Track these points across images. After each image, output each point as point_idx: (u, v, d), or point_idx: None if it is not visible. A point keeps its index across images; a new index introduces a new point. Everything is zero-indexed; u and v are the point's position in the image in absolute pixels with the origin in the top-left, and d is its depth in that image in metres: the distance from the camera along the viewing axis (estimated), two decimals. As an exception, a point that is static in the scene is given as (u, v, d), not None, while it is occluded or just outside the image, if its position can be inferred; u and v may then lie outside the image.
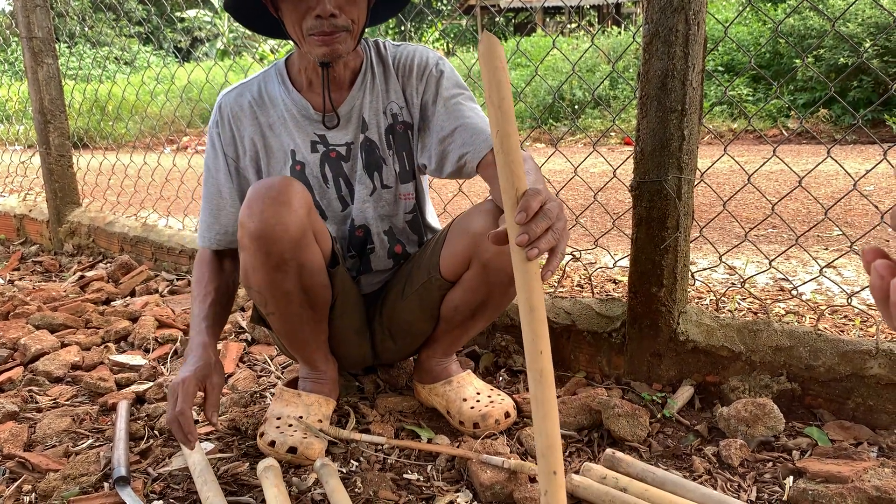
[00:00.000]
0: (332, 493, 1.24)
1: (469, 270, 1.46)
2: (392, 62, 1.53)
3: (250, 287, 1.41)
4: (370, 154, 1.54)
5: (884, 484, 1.15)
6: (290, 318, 1.46)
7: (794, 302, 2.12)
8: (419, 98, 1.52)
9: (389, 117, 1.53)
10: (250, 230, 1.30)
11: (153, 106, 5.73)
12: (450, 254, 1.47)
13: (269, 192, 1.30)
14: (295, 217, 1.31)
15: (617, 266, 2.40)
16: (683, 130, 1.54)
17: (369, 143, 1.53)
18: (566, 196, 4.61)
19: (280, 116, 1.53)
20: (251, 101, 1.54)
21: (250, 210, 1.30)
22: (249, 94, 1.55)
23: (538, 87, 9.42)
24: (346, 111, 1.52)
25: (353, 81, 1.52)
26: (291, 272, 1.37)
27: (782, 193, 4.15)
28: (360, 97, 1.52)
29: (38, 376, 1.88)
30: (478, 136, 1.42)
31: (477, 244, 1.40)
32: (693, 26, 1.48)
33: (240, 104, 1.54)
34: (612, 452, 1.35)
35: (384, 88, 1.53)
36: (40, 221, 3.68)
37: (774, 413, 1.44)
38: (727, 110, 8.13)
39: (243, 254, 1.36)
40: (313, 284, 1.42)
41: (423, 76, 1.51)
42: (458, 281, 1.49)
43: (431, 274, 1.51)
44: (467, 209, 1.48)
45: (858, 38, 7.16)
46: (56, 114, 3.34)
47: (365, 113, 1.53)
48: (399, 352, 1.69)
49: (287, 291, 1.40)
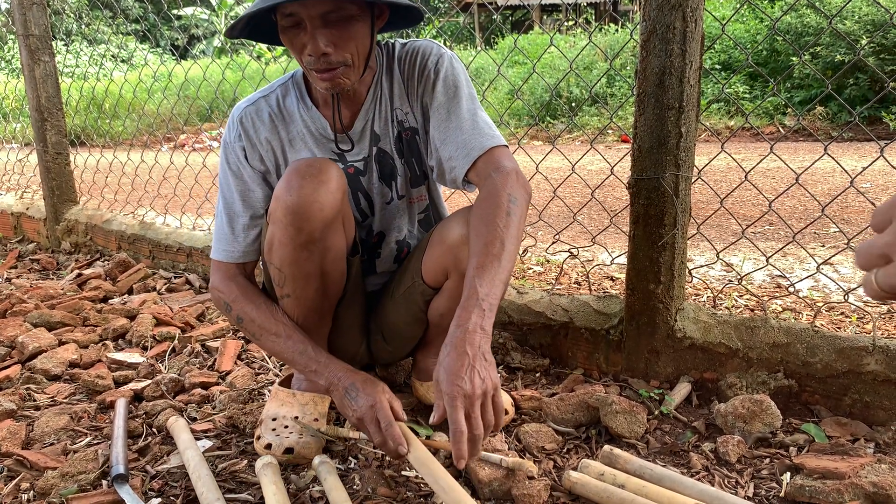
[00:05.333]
0: (331, 490, 1.24)
1: (448, 280, 1.45)
2: (397, 65, 1.49)
3: (271, 262, 1.40)
4: (384, 164, 1.52)
5: (880, 480, 1.16)
6: (304, 303, 1.45)
7: (791, 299, 2.13)
8: (419, 101, 1.48)
9: (397, 125, 1.50)
10: (287, 203, 1.29)
11: (150, 104, 5.72)
12: (430, 261, 1.46)
13: (309, 170, 1.30)
14: (332, 197, 1.31)
15: (614, 263, 2.40)
16: (681, 128, 1.54)
17: (382, 153, 1.52)
18: (564, 193, 4.61)
19: (300, 132, 1.49)
20: (271, 115, 1.49)
21: (289, 184, 1.29)
22: (268, 108, 1.49)
23: (535, 85, 9.43)
24: (359, 128, 1.49)
25: (366, 96, 1.48)
26: (316, 253, 1.36)
27: (779, 191, 4.15)
28: (371, 111, 1.49)
29: (35, 374, 1.88)
30: (461, 149, 1.36)
31: (454, 255, 1.39)
32: (690, 23, 1.48)
33: (261, 118, 1.49)
34: (610, 449, 1.35)
35: (390, 95, 1.49)
36: (37, 219, 3.67)
37: (771, 409, 1.44)
38: (724, 108, 8.15)
39: (273, 227, 1.35)
40: (333, 270, 1.43)
41: (422, 78, 1.46)
42: (441, 289, 1.49)
43: (415, 279, 1.50)
44: (449, 214, 1.47)
45: (855, 35, 7.17)
46: (53, 111, 3.33)
47: (376, 126, 1.50)
48: (393, 354, 1.69)
49: (308, 273, 1.39)
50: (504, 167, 1.31)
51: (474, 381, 1.09)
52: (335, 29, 1.27)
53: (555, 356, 1.86)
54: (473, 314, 1.14)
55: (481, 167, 1.33)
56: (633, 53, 8.72)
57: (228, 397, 1.71)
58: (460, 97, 1.43)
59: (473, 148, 1.35)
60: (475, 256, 1.20)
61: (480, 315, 1.14)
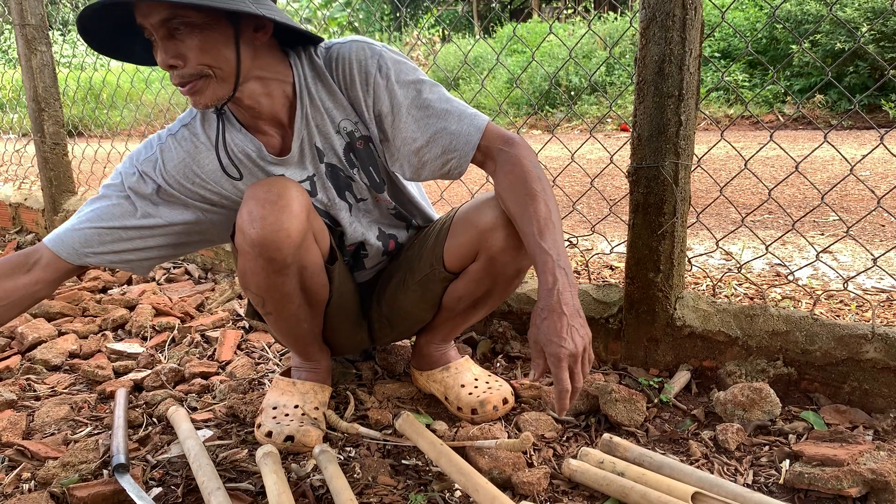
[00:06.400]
0: (332, 479, 1.24)
1: (475, 263, 1.45)
2: (330, 73, 1.35)
3: (248, 289, 1.38)
4: (336, 178, 1.43)
5: (879, 467, 1.16)
6: (288, 318, 1.46)
7: (791, 287, 2.13)
8: (371, 111, 1.36)
9: (345, 136, 1.39)
10: (251, 237, 1.26)
11: (148, 94, 5.70)
12: (455, 246, 1.45)
13: (268, 196, 1.26)
14: (297, 222, 1.27)
15: (614, 252, 2.40)
16: (680, 116, 1.53)
17: (331, 168, 1.42)
18: (563, 182, 4.61)
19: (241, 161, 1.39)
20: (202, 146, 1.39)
21: (250, 216, 1.25)
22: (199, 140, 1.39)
23: (534, 74, 9.39)
24: (296, 148, 1.37)
25: (293, 111, 1.36)
26: (292, 274, 1.35)
27: (778, 179, 4.15)
28: (304, 128, 1.36)
29: (35, 365, 1.88)
30: (458, 138, 1.32)
31: (486, 238, 1.38)
32: (690, 11, 1.48)
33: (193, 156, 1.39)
34: (610, 437, 1.36)
35: (329, 106, 1.36)
36: (36, 210, 3.67)
37: (771, 397, 1.45)
38: (724, 96, 8.12)
39: (242, 259, 1.32)
40: (313, 284, 1.42)
41: (369, 85, 1.34)
42: (463, 272, 1.48)
43: (434, 266, 1.49)
44: (471, 201, 1.46)
45: (855, 22, 7.14)
46: (50, 102, 3.32)
47: (316, 141, 1.38)
48: (397, 337, 1.70)
49: (287, 293, 1.38)
50: (509, 138, 1.32)
51: (575, 340, 1.14)
52: (181, 39, 1.16)
53: (554, 345, 1.86)
54: (558, 276, 1.17)
55: (485, 146, 1.33)
56: (633, 41, 8.69)
57: (228, 387, 1.71)
58: (422, 90, 1.34)
59: (471, 133, 1.32)
60: (529, 225, 1.22)
61: (563, 274, 1.17)
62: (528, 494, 1.25)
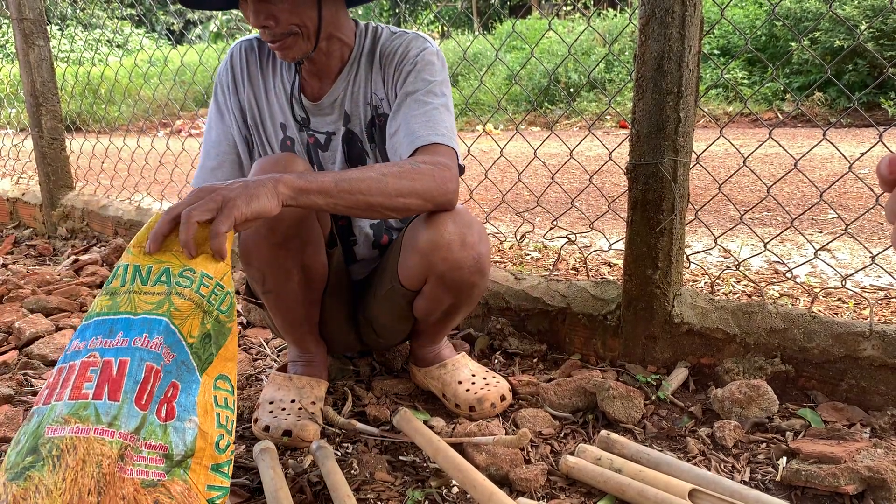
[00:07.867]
0: (329, 474, 1.24)
1: (427, 284, 1.42)
2: (380, 51, 1.46)
3: (250, 264, 1.40)
4: (352, 147, 1.50)
5: (876, 464, 1.16)
6: (287, 297, 1.46)
7: (789, 284, 2.13)
8: (394, 90, 1.44)
9: (371, 110, 1.48)
10: None
11: (146, 89, 5.68)
12: (405, 267, 1.43)
13: (274, 168, 1.28)
14: None
15: (612, 249, 2.40)
16: (679, 112, 1.53)
17: (351, 135, 1.49)
18: (561, 179, 4.60)
19: (276, 85, 1.51)
20: (262, 59, 1.52)
21: None
22: (260, 51, 1.52)
23: (533, 70, 9.38)
24: (328, 101, 1.48)
25: (341, 70, 1.47)
26: (293, 249, 1.36)
27: (777, 176, 4.15)
28: (342, 88, 1.47)
29: (32, 360, 1.88)
30: (410, 135, 1.34)
31: (427, 260, 1.35)
32: (689, 8, 1.47)
33: (253, 59, 1.52)
34: (607, 434, 1.36)
35: (368, 78, 1.47)
36: (34, 205, 3.66)
37: (768, 395, 1.45)
38: (723, 93, 8.12)
39: (245, 231, 1.34)
40: (313, 262, 1.42)
41: (401, 66, 1.42)
42: (420, 292, 1.45)
43: (393, 283, 1.47)
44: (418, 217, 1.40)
45: (855, 20, 7.14)
46: (48, 97, 3.31)
47: (346, 105, 1.48)
48: (384, 344, 1.70)
49: (287, 269, 1.40)
50: (440, 161, 1.30)
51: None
52: (272, 2, 1.27)
53: (552, 342, 1.86)
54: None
55: (419, 157, 1.31)
56: (632, 38, 8.68)
57: (226, 383, 1.71)
58: (431, 91, 1.39)
59: (420, 137, 1.32)
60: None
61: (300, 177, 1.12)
62: (525, 491, 1.25)
